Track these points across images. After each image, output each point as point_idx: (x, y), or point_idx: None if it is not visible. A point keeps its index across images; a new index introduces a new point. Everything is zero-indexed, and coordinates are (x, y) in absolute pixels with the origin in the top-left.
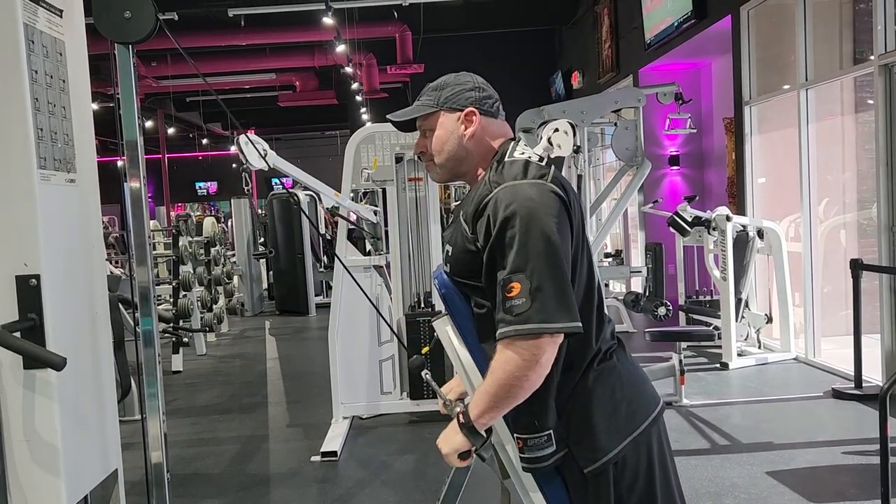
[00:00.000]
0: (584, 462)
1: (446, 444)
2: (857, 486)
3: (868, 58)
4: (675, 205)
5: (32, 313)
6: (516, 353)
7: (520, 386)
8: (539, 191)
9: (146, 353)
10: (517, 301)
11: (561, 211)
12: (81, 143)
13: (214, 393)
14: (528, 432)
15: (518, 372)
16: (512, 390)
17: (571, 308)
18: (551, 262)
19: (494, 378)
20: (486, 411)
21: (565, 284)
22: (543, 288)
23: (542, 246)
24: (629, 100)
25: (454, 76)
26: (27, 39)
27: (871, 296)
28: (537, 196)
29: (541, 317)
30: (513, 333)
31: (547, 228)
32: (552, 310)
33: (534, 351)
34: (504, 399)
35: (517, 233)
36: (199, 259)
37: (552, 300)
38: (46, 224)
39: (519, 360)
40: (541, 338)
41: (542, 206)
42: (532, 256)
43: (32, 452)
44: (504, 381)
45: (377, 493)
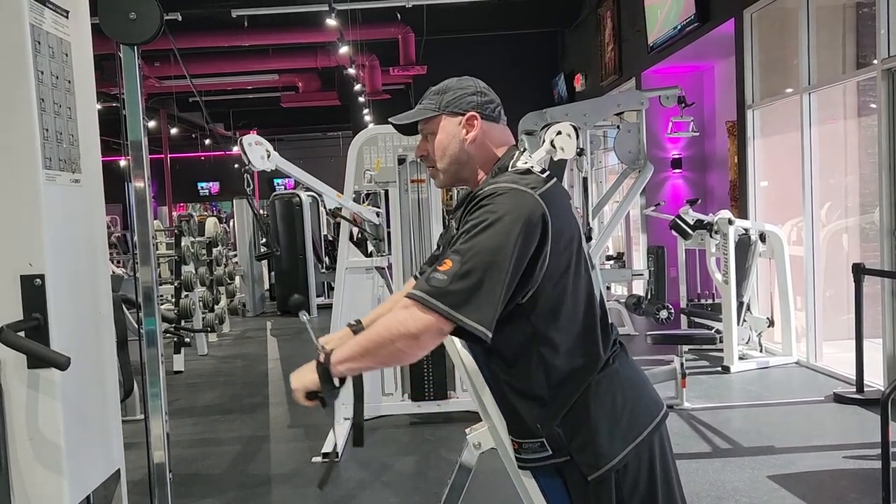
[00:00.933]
0: (587, 469)
1: (297, 380)
2: (858, 491)
3: (871, 62)
4: (677, 208)
5: (37, 313)
6: (408, 317)
7: (390, 350)
8: (522, 198)
9: (149, 353)
10: (440, 276)
11: (533, 225)
12: (86, 143)
13: (216, 393)
14: (522, 437)
15: (397, 336)
16: (381, 350)
17: (483, 311)
18: (492, 262)
19: (374, 331)
20: (347, 359)
21: (492, 288)
22: (468, 278)
23: (494, 244)
24: (632, 103)
25: (456, 80)
26: (34, 40)
27: (873, 300)
28: (518, 202)
29: (449, 300)
30: (417, 298)
31: (506, 234)
32: (463, 301)
33: (421, 326)
34: (369, 355)
35: (479, 222)
36: (200, 259)
37: (469, 293)
38: (51, 224)
39: (405, 326)
40: (433, 317)
41: (514, 213)
42: (478, 248)
43: (36, 451)
44: (380, 338)
45: (378, 495)
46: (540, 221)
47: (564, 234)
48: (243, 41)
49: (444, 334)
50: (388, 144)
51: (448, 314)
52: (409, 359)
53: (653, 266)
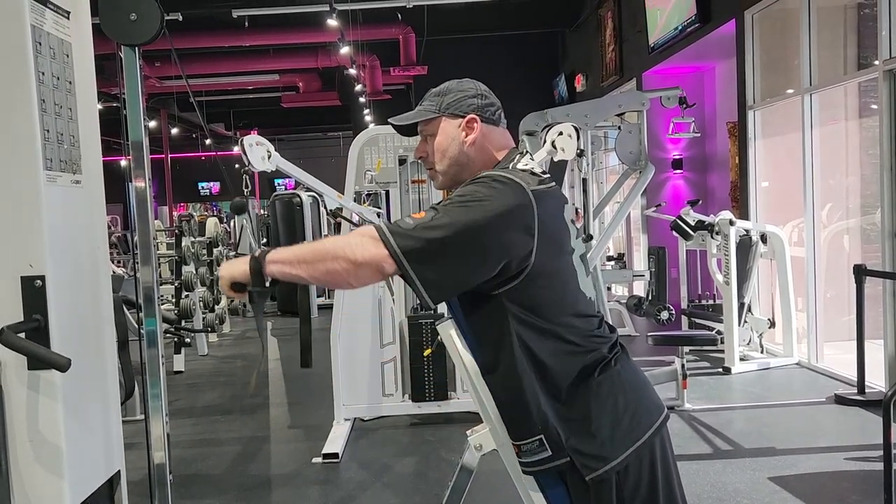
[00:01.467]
0: (585, 470)
1: (227, 268)
2: (859, 493)
3: (872, 63)
4: (678, 209)
5: (37, 314)
6: (357, 243)
7: (326, 267)
8: (512, 188)
9: (149, 354)
10: (408, 220)
11: (516, 215)
12: (87, 144)
13: (216, 393)
14: (520, 438)
15: (339, 256)
16: (318, 264)
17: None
18: (462, 231)
19: (320, 243)
20: (283, 261)
21: (453, 256)
22: (432, 231)
23: (471, 219)
24: (633, 103)
25: (457, 82)
26: (34, 41)
27: (875, 301)
28: (508, 190)
29: (402, 242)
30: (377, 229)
31: (489, 211)
32: (418, 252)
33: (367, 256)
34: (305, 263)
35: (465, 196)
36: (201, 259)
37: (427, 245)
38: (52, 225)
39: (351, 249)
40: (382, 252)
41: (503, 198)
42: (455, 215)
43: (36, 453)
44: (322, 251)
45: (378, 496)
46: (525, 214)
47: (554, 237)
48: (244, 41)
49: (384, 275)
50: (389, 145)
51: (396, 256)
52: (340, 283)
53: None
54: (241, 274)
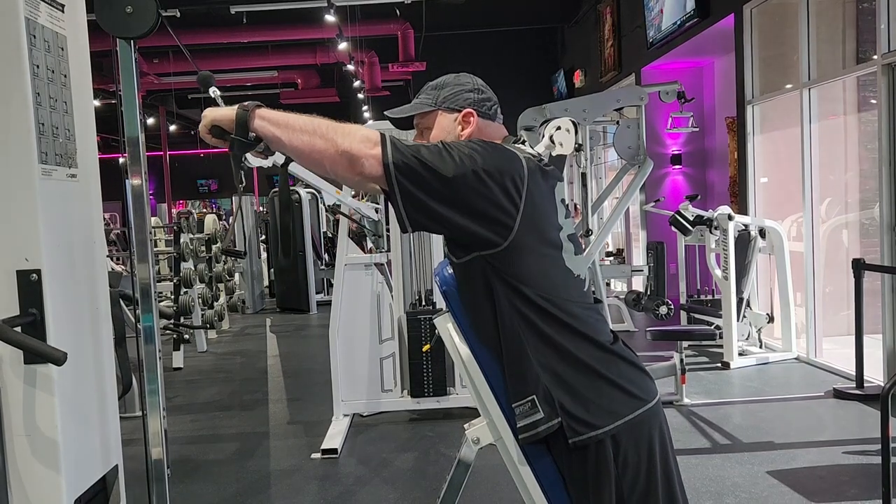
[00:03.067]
0: (570, 432)
1: (212, 111)
2: (857, 486)
3: (871, 57)
4: (676, 204)
5: (33, 308)
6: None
7: (309, 140)
8: (505, 150)
9: (147, 350)
10: (410, 140)
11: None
12: (83, 138)
13: (215, 390)
14: (517, 400)
15: (329, 135)
16: (303, 134)
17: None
18: (457, 167)
19: (318, 118)
20: (270, 119)
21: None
22: (430, 159)
23: (469, 159)
24: (631, 98)
25: (454, 76)
26: (29, 34)
27: (873, 296)
28: (501, 151)
29: (399, 156)
30: (383, 135)
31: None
32: (411, 169)
33: (358, 147)
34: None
35: (468, 143)
36: (200, 256)
37: (420, 168)
38: (47, 219)
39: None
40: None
41: (502, 156)
42: (456, 150)
43: (33, 448)
44: (315, 124)
45: (377, 491)
46: (516, 176)
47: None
48: (242, 37)
49: (361, 173)
50: None
51: (387, 163)
52: (315, 161)
53: (652, 262)
54: (226, 119)
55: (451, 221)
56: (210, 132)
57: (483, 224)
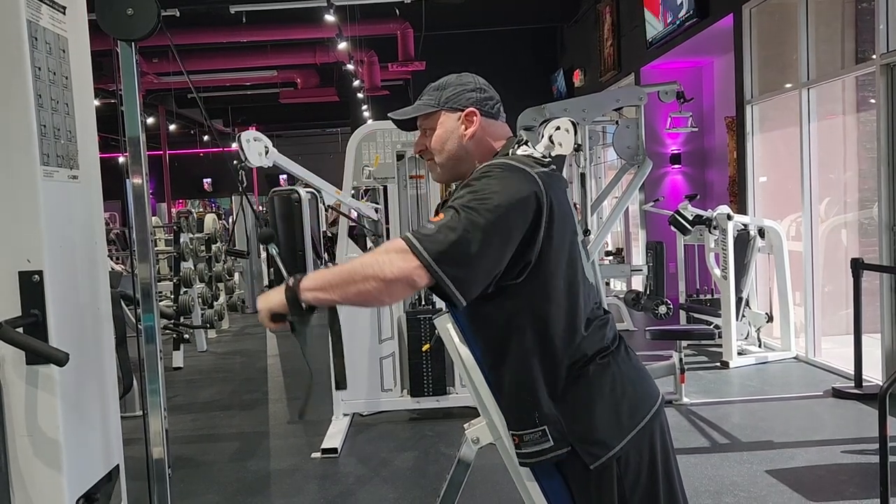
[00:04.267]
0: (588, 458)
1: (264, 301)
2: (856, 486)
3: (870, 57)
4: (676, 203)
5: (35, 309)
6: (385, 261)
7: (358, 288)
8: (520, 174)
9: (148, 350)
10: (431, 226)
11: (527, 201)
12: (84, 139)
13: (215, 389)
14: (523, 428)
15: (370, 275)
16: (350, 286)
17: (464, 271)
18: (483, 226)
19: (349, 265)
20: (318, 286)
21: (479, 250)
22: (458, 233)
23: (489, 207)
24: (631, 98)
25: (456, 76)
26: (30, 36)
27: (872, 295)
28: (515, 177)
29: (434, 249)
30: (403, 240)
31: (503, 202)
32: (446, 254)
33: (397, 271)
34: (338, 287)
35: (476, 189)
36: (199, 256)
37: (454, 247)
38: (49, 220)
39: (381, 267)
40: (411, 265)
41: (513, 186)
42: (473, 207)
43: (34, 448)
44: (352, 273)
45: (377, 490)
46: (534, 198)
47: (565, 219)
48: (241, 37)
49: (417, 287)
50: (387, 140)
51: (427, 263)
52: (374, 302)
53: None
54: (279, 305)
55: (496, 272)
56: (272, 321)
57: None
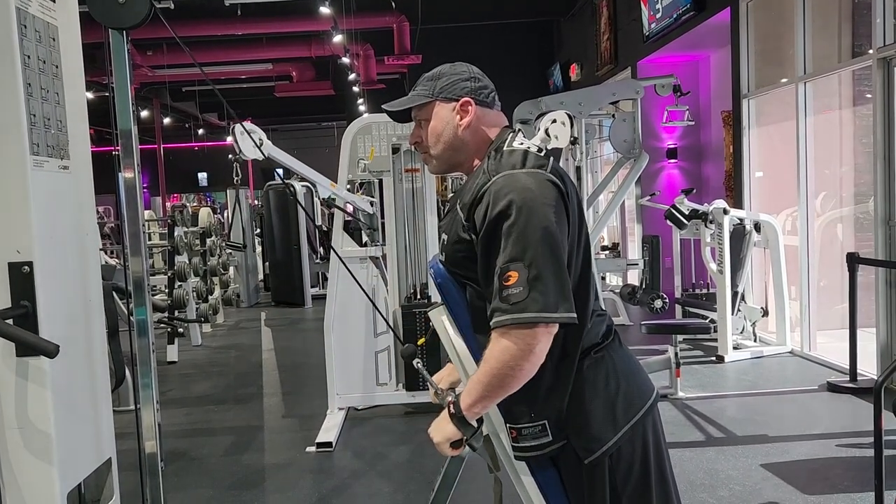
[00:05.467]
0: (583, 453)
1: (438, 434)
2: (850, 479)
3: (867, 51)
4: (672, 197)
5: (25, 300)
6: (511, 342)
7: (513, 376)
8: (537, 180)
9: (140, 343)
10: (514, 290)
11: (558, 201)
12: (75, 129)
13: (209, 383)
14: (522, 422)
15: (513, 362)
16: (505, 380)
17: (568, 298)
18: (549, 252)
19: (488, 367)
20: (477, 401)
21: (563, 274)
22: (541, 277)
23: (541, 235)
24: (627, 92)
25: (450, 66)
26: (19, 24)
27: (867, 289)
28: (535, 186)
29: (538, 306)
30: (509, 322)
31: (545, 218)
32: (549, 299)
33: (529, 340)
34: (497, 389)
35: (515, 222)
36: (194, 249)
37: (550, 289)
38: (39, 211)
39: (514, 349)
40: (536, 327)
41: (540, 197)
42: (530, 245)
43: (25, 440)
44: (498, 371)
45: (372, 484)
46: (561, 197)
47: (574, 205)
48: (236, 30)
49: (552, 335)
50: (383, 133)
51: (545, 319)
52: (531, 375)
53: (648, 256)
54: (454, 433)
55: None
56: (453, 447)
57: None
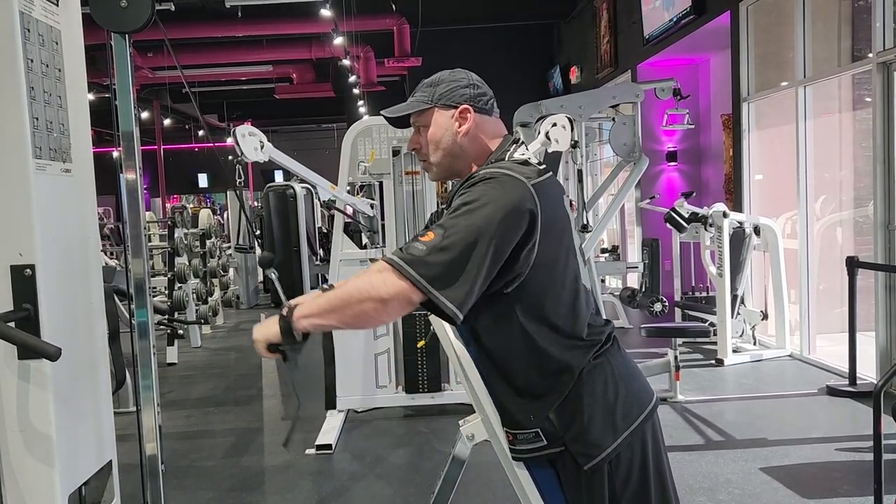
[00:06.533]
0: (582, 459)
1: (260, 331)
2: (850, 483)
3: (866, 55)
4: (672, 201)
5: (27, 303)
6: (378, 281)
7: (355, 311)
8: (514, 185)
9: (141, 345)
10: (420, 246)
11: (521, 213)
12: (77, 133)
13: (209, 385)
14: (515, 429)
15: (365, 297)
16: (346, 309)
17: (457, 289)
18: (473, 242)
19: (342, 290)
20: (312, 314)
21: (470, 268)
22: (447, 252)
23: (479, 225)
24: (627, 95)
25: (449, 73)
26: (23, 28)
27: (867, 293)
28: (509, 188)
29: (422, 271)
30: (393, 264)
31: (494, 215)
32: (437, 275)
33: (391, 290)
34: (334, 312)
35: (468, 202)
36: (194, 251)
37: (445, 268)
38: (42, 214)
39: (375, 288)
40: (405, 285)
41: (506, 197)
42: (462, 226)
43: (27, 443)
44: (347, 296)
45: (371, 487)
46: (528, 211)
47: (556, 225)
48: (237, 32)
49: (413, 304)
50: (383, 136)
51: (420, 285)
52: (372, 323)
53: (647, 259)
54: (274, 335)
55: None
56: (268, 350)
57: (512, 265)
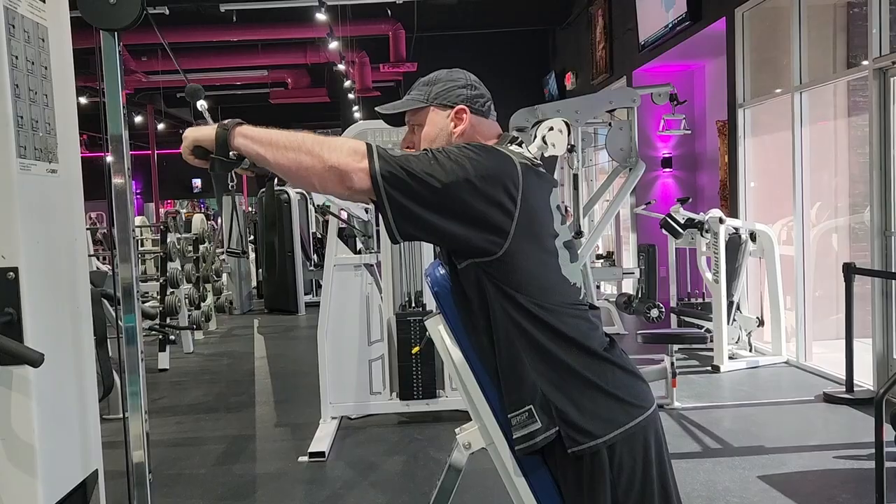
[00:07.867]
0: (569, 442)
1: (193, 131)
2: (848, 491)
3: (862, 62)
4: (667, 207)
5: (10, 307)
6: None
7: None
8: (499, 154)
9: (129, 351)
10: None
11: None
12: (64, 133)
13: (201, 391)
14: (509, 409)
15: (314, 151)
16: (288, 151)
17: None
18: (449, 180)
19: (301, 133)
20: (251, 136)
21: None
22: (418, 166)
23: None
24: (624, 100)
25: (446, 72)
26: (7, 23)
27: (863, 300)
28: (494, 155)
29: (387, 167)
30: (368, 146)
31: (478, 170)
32: (399, 178)
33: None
34: (273, 146)
35: (451, 150)
36: (187, 256)
37: (409, 178)
38: (25, 215)
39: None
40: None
41: (494, 161)
42: (445, 160)
43: (8, 452)
44: (298, 141)
45: (365, 495)
46: (510, 182)
47: (536, 213)
48: (232, 36)
49: (348, 187)
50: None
51: (374, 174)
52: (302, 179)
53: (643, 265)
54: (207, 139)
55: (443, 231)
56: (193, 153)
57: (477, 232)
